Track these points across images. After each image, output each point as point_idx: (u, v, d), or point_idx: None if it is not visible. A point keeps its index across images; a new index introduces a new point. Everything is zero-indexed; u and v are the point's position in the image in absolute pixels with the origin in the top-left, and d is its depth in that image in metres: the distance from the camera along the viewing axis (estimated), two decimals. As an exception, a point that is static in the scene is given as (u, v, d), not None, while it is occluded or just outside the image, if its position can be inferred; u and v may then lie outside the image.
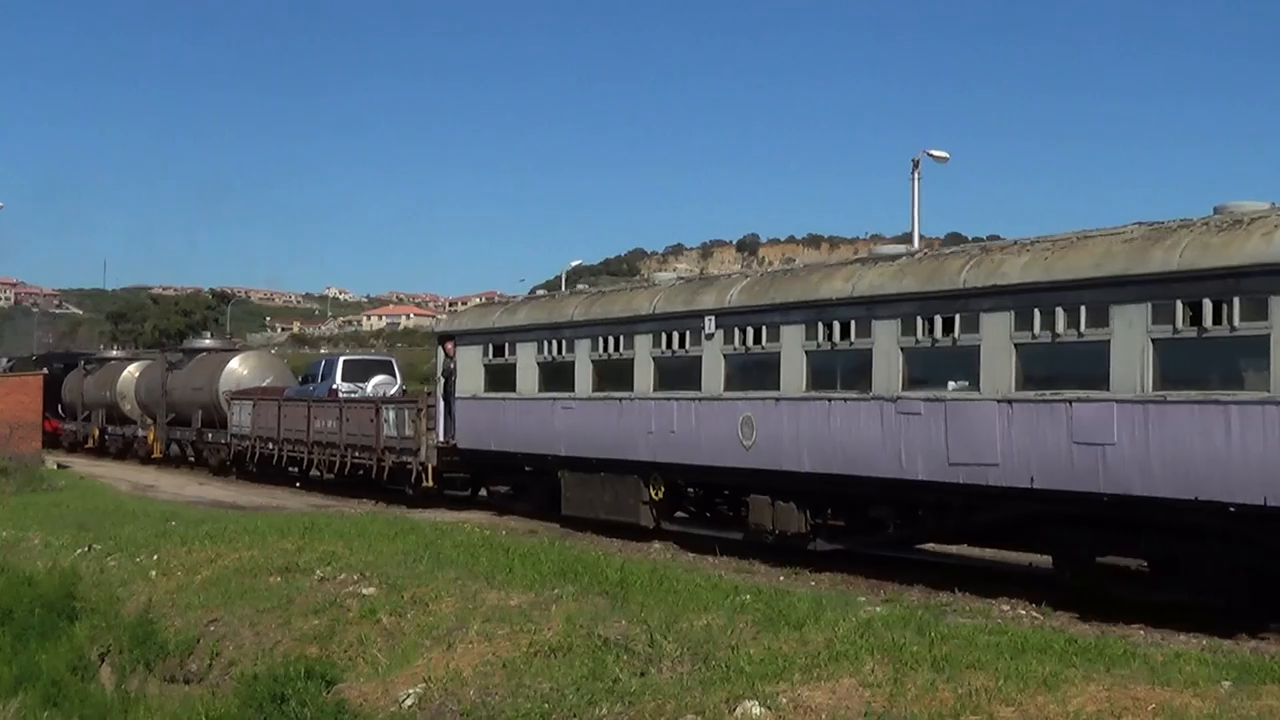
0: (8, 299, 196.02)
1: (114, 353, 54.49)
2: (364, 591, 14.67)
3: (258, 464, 33.98)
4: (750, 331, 17.01)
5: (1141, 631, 11.94)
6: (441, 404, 24.02)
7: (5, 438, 36.06)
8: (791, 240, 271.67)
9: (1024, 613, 12.95)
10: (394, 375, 34.55)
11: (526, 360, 21.58)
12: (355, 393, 32.04)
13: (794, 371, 16.26)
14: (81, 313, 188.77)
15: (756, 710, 9.17)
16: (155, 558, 18.64)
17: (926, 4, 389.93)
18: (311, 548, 17.24)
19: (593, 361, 19.97)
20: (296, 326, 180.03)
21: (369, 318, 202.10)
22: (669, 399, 18.28)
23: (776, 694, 9.31)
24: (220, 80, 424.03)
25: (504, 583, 13.93)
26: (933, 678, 9.12)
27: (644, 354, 18.89)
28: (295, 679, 12.34)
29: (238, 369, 38.28)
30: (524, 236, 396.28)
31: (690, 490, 19.33)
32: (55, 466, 38.07)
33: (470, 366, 23.15)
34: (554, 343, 20.91)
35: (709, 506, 19.74)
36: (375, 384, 33.16)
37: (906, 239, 38.88)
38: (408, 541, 17.21)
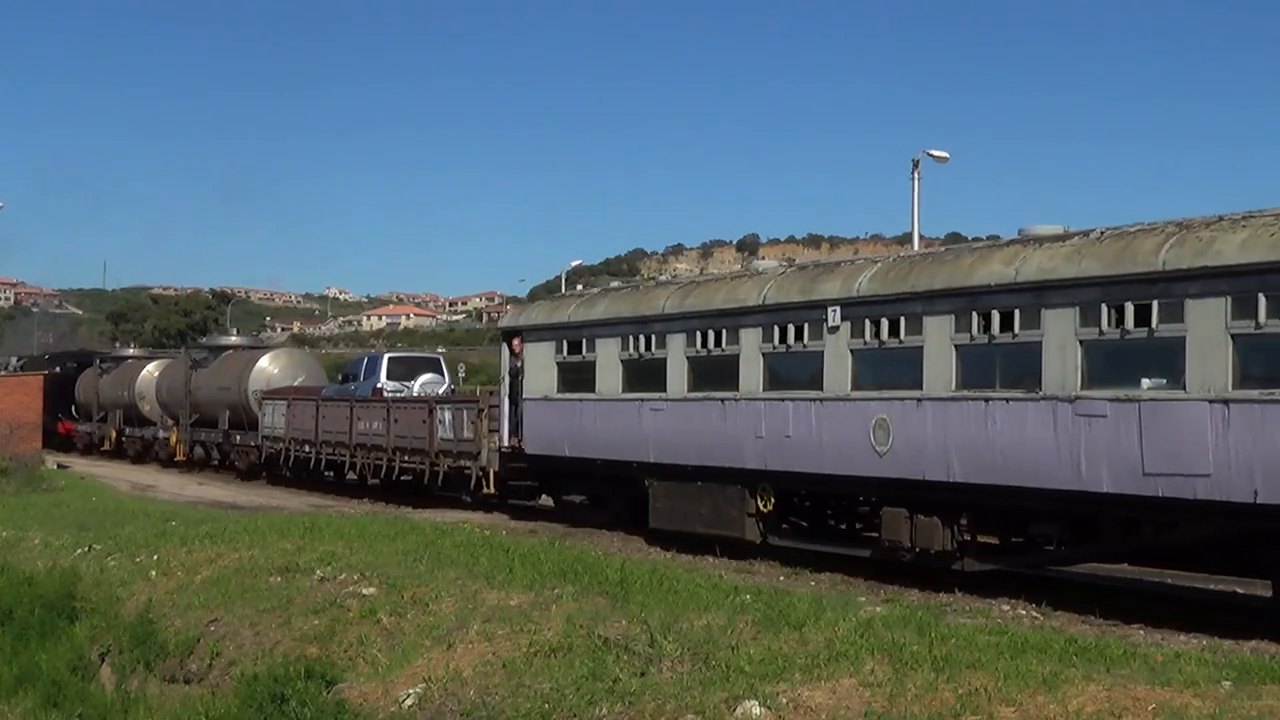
0: (8, 299, 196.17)
1: (131, 351, 52.09)
2: (364, 591, 14.67)
3: (292, 468, 31.89)
4: (885, 323, 15.10)
5: (1141, 631, 11.95)
6: (506, 405, 22.07)
7: (5, 438, 36.03)
8: (791, 240, 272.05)
9: (1024, 613, 12.96)
10: (442, 373, 32.52)
11: (608, 358, 19.65)
12: (401, 392, 30.14)
13: (941, 368, 14.37)
14: (81, 313, 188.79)
15: (756, 710, 9.17)
16: (155, 558, 18.63)
17: (926, 4, 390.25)
18: (311, 548, 17.24)
19: (688, 358, 18.10)
20: (296, 326, 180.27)
21: (369, 318, 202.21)
22: (783, 399, 16.35)
23: (776, 694, 9.31)
24: (220, 80, 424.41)
25: (504, 583, 13.93)
26: (933, 678, 9.12)
27: (751, 349, 16.95)
28: (295, 679, 12.34)
29: (268, 367, 36.00)
30: (524, 236, 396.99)
31: (796, 500, 17.42)
32: (55, 466, 38.06)
33: (540, 365, 21.22)
34: (641, 338, 19.01)
35: (820, 519, 17.64)
36: (423, 383, 31.02)
37: (906, 239, 38.91)
38: (408, 541, 17.20)
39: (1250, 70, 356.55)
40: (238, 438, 35.67)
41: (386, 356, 33.38)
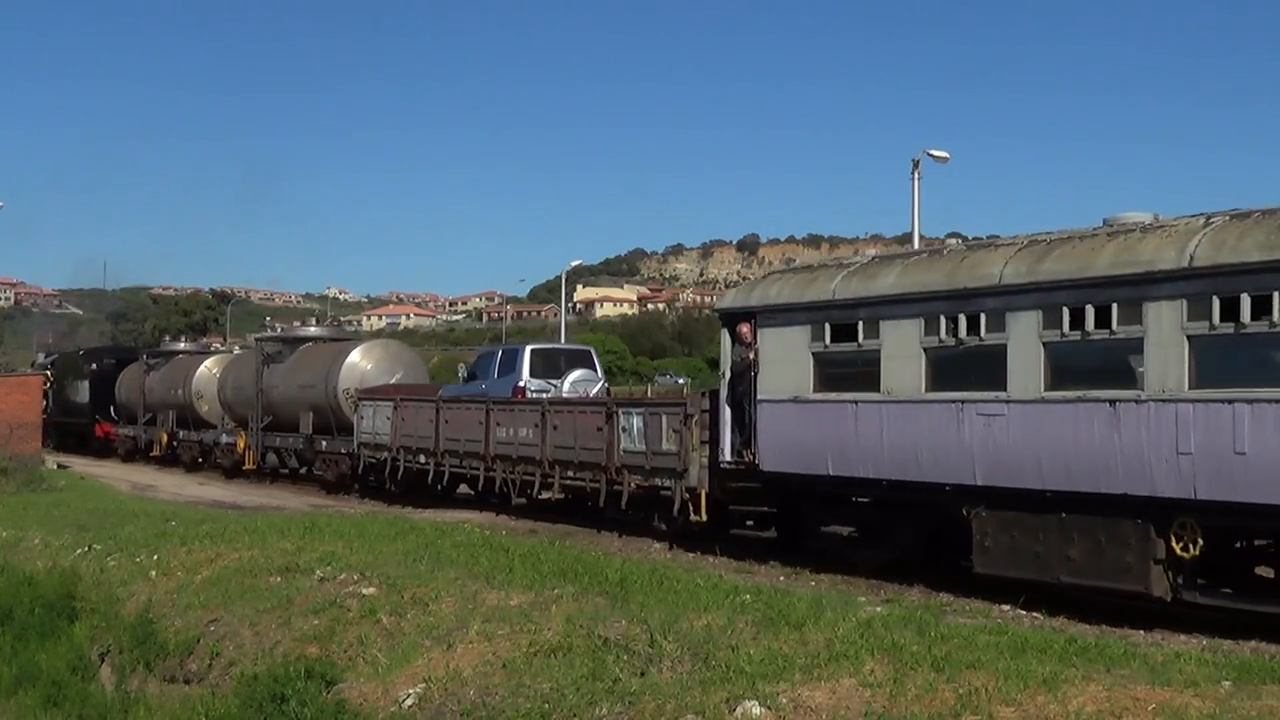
0: (8, 299, 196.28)
1: (182, 345, 46.00)
2: (364, 591, 14.67)
3: (401, 481, 26.83)
4: None
5: (1141, 632, 11.94)
6: (727, 410, 17.32)
7: (5, 438, 36.01)
8: (791, 240, 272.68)
9: (1024, 613, 12.94)
10: (595, 368, 27.26)
11: (902, 345, 15.02)
12: (548, 391, 25.05)
13: None
14: (81, 313, 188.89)
15: (756, 710, 9.17)
16: (155, 558, 18.63)
17: (926, 4, 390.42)
18: (311, 548, 17.24)
19: (1046, 345, 13.44)
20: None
21: (369, 318, 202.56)
22: (1230, 400, 11.84)
23: (776, 694, 9.31)
24: (219, 81, 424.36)
25: (504, 583, 13.94)
26: (933, 678, 9.12)
27: (1167, 331, 12.42)
28: (295, 679, 12.35)
29: (360, 363, 30.86)
30: (524, 236, 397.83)
31: (1240, 544, 13.07)
32: (55, 466, 38.05)
33: (787, 356, 16.47)
34: (961, 319, 14.34)
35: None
36: (574, 380, 25.77)
37: (906, 239, 38.92)
38: (408, 541, 17.21)
39: (1250, 70, 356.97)
40: (324, 444, 30.76)
41: (528, 349, 27.65)
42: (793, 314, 16.60)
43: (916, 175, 35.83)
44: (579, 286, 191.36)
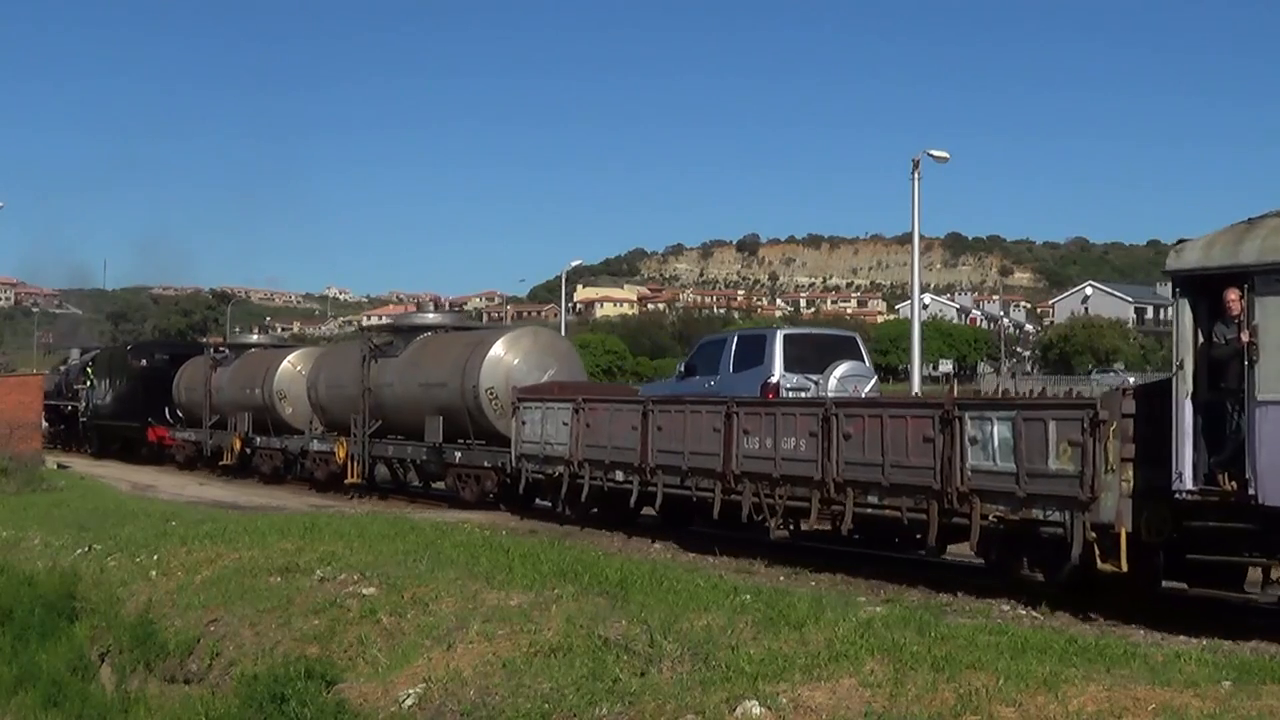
0: (8, 299, 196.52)
1: (255, 337, 41.14)
2: (364, 591, 14.67)
3: (584, 502, 21.04)
4: None
5: (1141, 632, 11.93)
6: (1188, 414, 11.97)
7: (5, 438, 36.01)
8: (792, 240, 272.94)
9: (1024, 613, 12.93)
10: (864, 360, 21.58)
11: None
12: (807, 390, 19.94)
13: None
14: (81, 313, 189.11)
15: (756, 710, 9.17)
16: (155, 558, 18.62)
17: (926, 4, 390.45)
18: (311, 548, 17.24)
19: None
20: (296, 326, 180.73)
21: (369, 318, 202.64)
22: None
23: (776, 694, 9.31)
24: (219, 80, 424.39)
25: (504, 583, 13.93)
26: (933, 678, 9.12)
27: None
28: (295, 679, 12.34)
29: (504, 357, 25.03)
30: (524, 236, 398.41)
31: None
32: (55, 466, 38.07)
33: None
34: None
35: None
36: (841, 375, 20.29)
37: (906, 239, 38.99)
38: (408, 541, 17.20)
39: (1250, 70, 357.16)
40: (458, 455, 25.20)
41: (780, 334, 21.73)
42: None
43: (916, 175, 35.91)
44: (579, 286, 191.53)
